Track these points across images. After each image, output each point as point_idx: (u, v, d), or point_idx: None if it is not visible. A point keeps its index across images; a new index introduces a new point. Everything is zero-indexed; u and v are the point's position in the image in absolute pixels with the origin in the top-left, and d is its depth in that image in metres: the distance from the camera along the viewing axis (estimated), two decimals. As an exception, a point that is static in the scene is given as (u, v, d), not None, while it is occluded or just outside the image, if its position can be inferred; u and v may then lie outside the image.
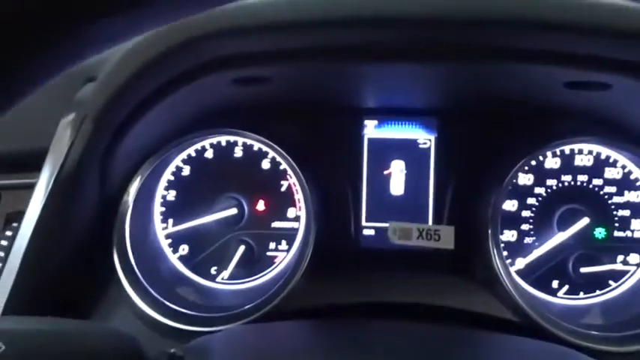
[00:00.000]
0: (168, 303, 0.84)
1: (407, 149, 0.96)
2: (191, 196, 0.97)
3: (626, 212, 0.91)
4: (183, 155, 0.97)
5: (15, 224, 0.73)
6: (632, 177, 0.90)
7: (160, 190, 0.97)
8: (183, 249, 0.97)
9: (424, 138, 0.95)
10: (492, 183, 0.87)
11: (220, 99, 0.82)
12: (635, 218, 0.90)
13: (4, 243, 0.71)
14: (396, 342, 0.65)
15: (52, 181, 0.69)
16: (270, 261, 0.96)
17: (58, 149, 0.70)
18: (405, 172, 0.96)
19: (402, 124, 0.96)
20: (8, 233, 0.72)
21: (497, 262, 0.83)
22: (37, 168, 0.72)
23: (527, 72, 0.69)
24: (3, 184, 0.77)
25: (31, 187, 0.71)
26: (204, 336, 0.69)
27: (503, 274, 0.83)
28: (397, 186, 0.97)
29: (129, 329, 0.67)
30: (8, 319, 0.61)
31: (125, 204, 0.85)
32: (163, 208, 0.97)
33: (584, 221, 0.89)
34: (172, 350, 0.64)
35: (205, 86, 0.70)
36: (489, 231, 0.84)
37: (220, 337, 0.69)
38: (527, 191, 0.92)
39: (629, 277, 0.90)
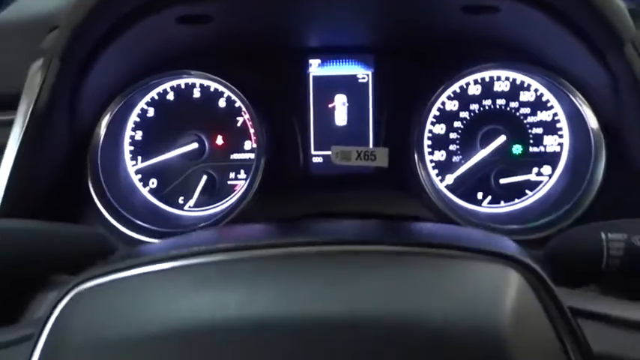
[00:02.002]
0: (138, 221, 0.96)
1: (348, 84, 1.07)
2: (156, 134, 1.07)
3: (539, 130, 1.03)
4: (147, 98, 1.07)
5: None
6: (543, 99, 1.03)
7: (128, 131, 1.08)
8: (153, 182, 1.08)
9: (362, 73, 1.07)
10: (418, 110, 0.99)
11: (172, 41, 0.92)
12: (547, 135, 1.03)
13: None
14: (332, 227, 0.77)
15: (28, 115, 0.79)
16: (232, 189, 1.08)
17: (30, 88, 0.80)
18: (347, 104, 1.08)
19: (342, 62, 1.07)
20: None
21: (423, 177, 0.96)
22: (14, 107, 0.82)
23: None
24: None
25: (9, 124, 0.82)
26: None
27: (429, 187, 0.96)
28: (341, 117, 1.08)
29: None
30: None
31: (97, 135, 0.97)
32: (132, 147, 1.08)
33: (502, 139, 1.02)
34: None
35: (154, 25, 0.81)
36: (416, 151, 0.97)
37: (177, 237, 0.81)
38: (454, 116, 1.04)
39: (543, 187, 1.04)
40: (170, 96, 1.07)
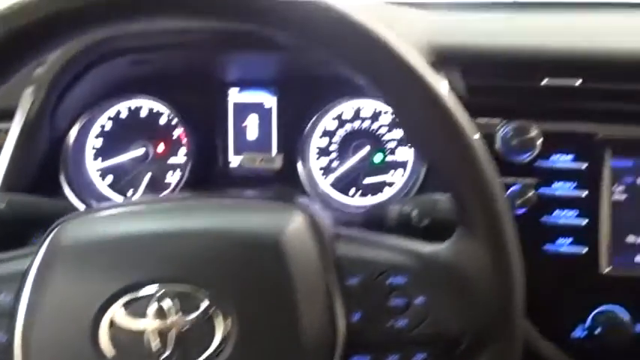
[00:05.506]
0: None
1: (258, 108, 1.46)
2: (112, 142, 1.43)
3: (394, 144, 1.44)
4: (106, 115, 1.43)
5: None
6: (397, 120, 1.43)
7: (91, 139, 1.43)
8: (109, 178, 1.44)
9: (269, 100, 1.46)
10: (305, 128, 1.39)
11: (125, 75, 1.30)
12: (399, 147, 1.44)
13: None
14: None
15: (22, 123, 1.16)
16: (168, 185, 1.44)
17: (24, 105, 1.17)
18: (257, 123, 1.46)
19: (255, 90, 1.46)
20: (-8, 159, 1.17)
21: (305, 178, 1.35)
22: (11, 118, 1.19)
23: None
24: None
25: (6, 131, 1.18)
26: None
27: (309, 185, 1.35)
28: (252, 133, 1.47)
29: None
30: None
31: (68, 141, 1.34)
32: (94, 151, 1.43)
33: (367, 149, 1.42)
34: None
35: (112, 66, 1.18)
36: (300, 158, 1.37)
37: None
38: (334, 132, 1.44)
39: (395, 185, 1.44)
40: (123, 114, 1.44)
